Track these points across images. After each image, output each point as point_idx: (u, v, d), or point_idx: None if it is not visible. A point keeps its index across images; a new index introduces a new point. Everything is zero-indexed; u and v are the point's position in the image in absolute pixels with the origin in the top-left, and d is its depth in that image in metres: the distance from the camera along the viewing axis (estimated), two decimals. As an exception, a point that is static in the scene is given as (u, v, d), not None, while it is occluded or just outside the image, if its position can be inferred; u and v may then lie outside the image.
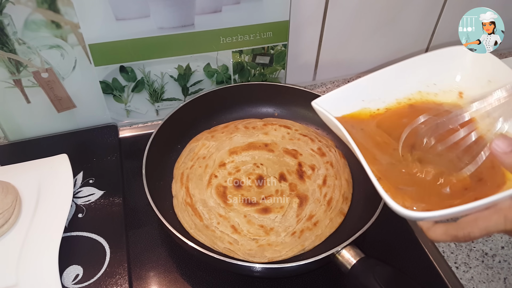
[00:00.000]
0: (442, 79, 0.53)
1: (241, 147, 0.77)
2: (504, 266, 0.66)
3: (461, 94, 0.52)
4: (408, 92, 0.53)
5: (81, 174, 0.77)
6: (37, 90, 0.77)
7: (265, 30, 0.81)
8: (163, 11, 0.73)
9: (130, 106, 0.86)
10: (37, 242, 0.63)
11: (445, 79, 0.53)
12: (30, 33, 0.69)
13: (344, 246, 0.57)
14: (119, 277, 0.62)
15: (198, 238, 0.65)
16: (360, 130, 0.50)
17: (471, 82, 0.52)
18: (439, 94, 0.53)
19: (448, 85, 0.53)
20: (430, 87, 0.53)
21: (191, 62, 0.82)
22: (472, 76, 0.52)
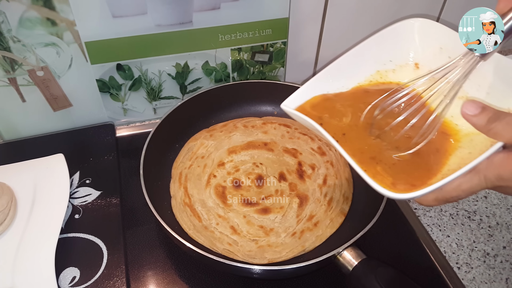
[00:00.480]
0: (396, 55, 0.55)
1: (240, 146, 0.77)
2: (506, 266, 0.65)
3: (417, 65, 0.55)
4: (368, 74, 0.55)
5: (77, 174, 0.76)
6: (32, 88, 0.75)
7: (264, 28, 0.80)
8: (161, 8, 0.72)
9: (127, 104, 0.84)
10: (33, 243, 0.62)
11: (399, 54, 0.55)
12: (25, 30, 0.68)
13: (346, 247, 0.56)
14: (117, 279, 0.61)
15: (197, 239, 0.64)
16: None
17: (423, 53, 0.54)
18: (397, 69, 0.55)
19: (403, 59, 0.55)
20: (387, 65, 0.55)
21: (189, 60, 0.81)
22: (423, 46, 0.54)
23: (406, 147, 0.47)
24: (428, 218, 0.72)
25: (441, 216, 0.72)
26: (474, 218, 0.72)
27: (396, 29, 0.54)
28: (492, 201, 0.74)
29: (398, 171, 0.46)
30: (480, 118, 0.41)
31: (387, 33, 0.54)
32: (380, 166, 0.45)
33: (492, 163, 0.40)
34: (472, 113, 0.42)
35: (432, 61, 0.53)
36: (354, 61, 0.54)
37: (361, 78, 0.55)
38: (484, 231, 0.70)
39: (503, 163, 0.40)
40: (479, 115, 0.41)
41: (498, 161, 0.40)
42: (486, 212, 0.73)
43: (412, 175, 0.45)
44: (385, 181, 0.43)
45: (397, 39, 0.54)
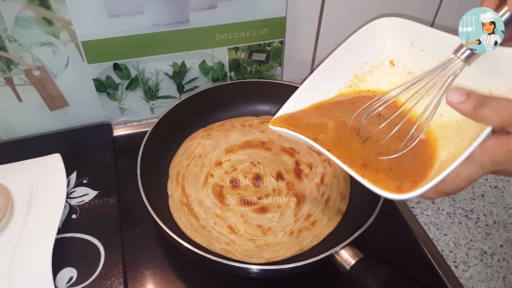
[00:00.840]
0: (371, 56, 0.56)
1: (238, 146, 0.77)
2: (503, 265, 0.66)
3: (392, 62, 0.56)
4: (346, 80, 0.57)
5: (74, 174, 0.76)
6: (29, 88, 0.75)
7: (262, 27, 0.80)
8: (158, 7, 0.71)
9: (124, 104, 0.84)
10: (30, 244, 0.62)
11: (373, 55, 0.56)
12: (21, 30, 0.68)
13: (343, 246, 0.56)
14: (114, 279, 0.61)
15: (195, 238, 0.64)
16: None
17: (396, 50, 0.55)
18: (373, 70, 0.56)
19: (378, 59, 0.56)
20: (363, 68, 0.57)
21: (186, 59, 0.81)
22: (395, 43, 0.55)
23: (394, 151, 0.48)
24: (425, 217, 0.72)
25: (438, 215, 0.72)
26: (471, 216, 0.72)
27: (366, 31, 0.55)
28: (489, 199, 0.75)
29: (399, 173, 0.46)
30: (466, 104, 0.42)
31: (357, 37, 0.55)
32: (382, 174, 0.46)
33: (485, 149, 0.41)
34: (457, 101, 0.42)
35: (406, 56, 0.54)
36: (330, 70, 0.56)
37: (340, 85, 0.57)
38: (481, 229, 0.70)
39: (495, 148, 0.40)
40: (464, 101, 0.42)
41: (490, 146, 0.40)
42: (483, 211, 0.73)
43: (411, 172, 0.46)
44: (389, 186, 0.44)
45: (368, 41, 0.55)
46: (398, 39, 0.54)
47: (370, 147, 0.49)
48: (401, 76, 0.55)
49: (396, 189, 0.43)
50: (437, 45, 0.50)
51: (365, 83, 0.57)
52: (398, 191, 0.43)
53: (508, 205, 0.74)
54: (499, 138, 0.40)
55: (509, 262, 0.66)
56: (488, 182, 0.78)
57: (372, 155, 0.48)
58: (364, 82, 0.57)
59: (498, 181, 0.78)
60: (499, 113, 0.40)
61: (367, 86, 0.57)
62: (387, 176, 0.45)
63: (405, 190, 0.42)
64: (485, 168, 0.41)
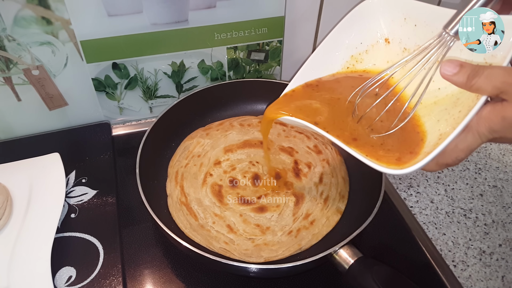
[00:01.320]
0: (365, 36, 0.57)
1: (237, 145, 0.77)
2: (502, 264, 0.66)
3: (387, 40, 0.56)
4: (343, 61, 0.57)
5: (73, 173, 0.76)
6: (27, 87, 0.75)
7: (260, 26, 0.80)
8: (156, 6, 0.71)
9: (123, 103, 0.84)
10: (29, 243, 0.62)
11: (367, 34, 0.57)
12: (20, 29, 0.68)
13: (342, 246, 0.56)
14: (113, 278, 0.61)
15: (193, 238, 0.64)
16: None
17: (390, 27, 0.56)
18: (369, 49, 0.57)
19: (372, 38, 0.57)
20: (358, 48, 0.57)
21: (185, 59, 0.81)
22: (387, 21, 0.56)
23: (389, 128, 0.49)
24: (424, 216, 0.72)
25: (437, 214, 0.72)
26: (470, 216, 0.72)
27: (358, 11, 0.56)
28: (488, 199, 0.75)
29: (395, 146, 0.47)
30: (460, 76, 0.42)
31: (350, 18, 0.56)
32: (381, 151, 0.47)
33: (481, 118, 0.41)
34: (451, 73, 0.43)
35: (401, 33, 0.55)
36: (326, 53, 0.56)
37: (338, 67, 0.57)
38: (480, 229, 0.70)
39: (491, 116, 0.41)
40: (458, 73, 0.42)
41: (486, 115, 0.41)
42: (482, 210, 0.73)
43: (405, 145, 0.47)
44: (390, 160, 0.45)
45: (362, 21, 0.56)
46: (391, 16, 0.55)
47: (365, 125, 0.50)
48: (397, 53, 0.56)
49: (397, 160, 0.44)
50: (429, 18, 0.51)
51: (362, 63, 0.58)
52: (398, 163, 0.44)
53: (506, 204, 0.74)
54: (494, 106, 0.41)
55: (508, 261, 0.66)
56: (487, 181, 0.78)
57: (366, 133, 0.49)
58: (361, 62, 0.58)
59: (497, 180, 0.78)
60: (492, 81, 0.40)
61: (363, 66, 0.57)
62: (384, 150, 0.47)
63: (405, 161, 0.44)
64: (483, 137, 0.42)
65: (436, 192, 0.76)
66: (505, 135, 0.41)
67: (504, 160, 0.81)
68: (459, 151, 0.43)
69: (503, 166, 0.80)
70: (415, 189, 0.76)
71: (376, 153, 0.46)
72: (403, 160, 0.45)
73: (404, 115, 0.48)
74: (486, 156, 0.82)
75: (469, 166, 0.80)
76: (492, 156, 0.82)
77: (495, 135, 0.41)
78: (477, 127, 0.42)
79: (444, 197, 0.75)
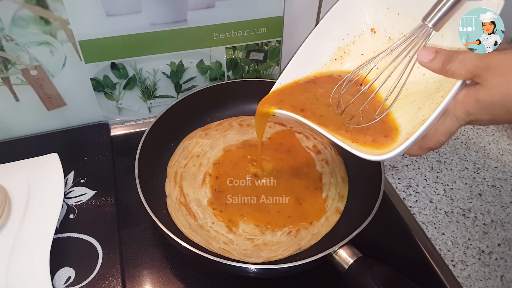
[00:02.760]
0: (351, 27, 0.58)
1: (236, 145, 0.76)
2: (500, 264, 0.66)
3: (373, 29, 0.58)
4: (331, 53, 0.59)
5: (72, 174, 0.75)
6: (26, 88, 0.75)
7: (259, 26, 0.80)
8: (155, 6, 0.71)
9: (121, 103, 0.84)
10: (28, 244, 0.62)
11: (352, 25, 0.58)
12: (18, 29, 0.68)
13: (341, 246, 0.56)
14: (112, 279, 0.61)
15: (193, 238, 0.64)
16: None
17: (374, 17, 0.57)
18: (356, 40, 0.58)
19: (358, 28, 0.58)
20: (345, 39, 0.58)
21: (184, 59, 0.81)
22: (371, 11, 0.57)
23: (369, 119, 0.51)
24: (423, 216, 0.72)
25: (436, 214, 0.72)
26: (469, 215, 0.72)
27: (342, 4, 0.57)
28: (487, 198, 0.75)
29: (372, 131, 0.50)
30: (435, 62, 0.44)
31: (335, 11, 0.57)
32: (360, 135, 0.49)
33: (457, 102, 0.43)
34: (427, 59, 0.45)
35: (385, 22, 0.56)
36: (314, 47, 0.57)
37: (326, 59, 0.58)
38: (479, 228, 0.71)
39: (466, 99, 0.43)
40: (433, 59, 0.44)
41: (461, 98, 0.43)
42: (481, 210, 0.73)
43: (381, 130, 0.49)
44: (367, 143, 0.47)
45: (347, 12, 0.57)
46: (375, 6, 0.56)
47: (348, 117, 0.52)
48: (383, 42, 0.57)
49: (372, 142, 0.47)
50: (411, 7, 0.53)
51: (350, 54, 0.59)
52: (374, 145, 0.46)
53: (505, 204, 0.74)
54: (469, 90, 0.43)
55: (507, 261, 0.66)
56: (485, 181, 0.78)
57: (347, 124, 0.51)
58: (349, 53, 0.59)
59: (495, 180, 0.78)
60: (465, 65, 0.42)
61: (351, 58, 0.59)
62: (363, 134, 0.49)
63: (381, 144, 0.46)
64: (460, 120, 0.44)
65: (435, 192, 0.76)
66: (481, 117, 0.43)
67: (502, 160, 0.81)
68: (439, 135, 0.45)
69: (501, 165, 0.80)
70: (414, 189, 0.76)
71: (352, 135, 0.49)
72: (379, 142, 0.47)
73: (384, 108, 0.51)
74: (485, 156, 0.82)
75: (468, 166, 0.80)
76: (491, 156, 0.82)
77: (471, 117, 0.43)
78: (454, 110, 0.43)
79: (443, 196, 0.75)
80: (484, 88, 0.42)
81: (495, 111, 0.42)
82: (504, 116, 0.43)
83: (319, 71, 0.58)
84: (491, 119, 0.43)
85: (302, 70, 0.58)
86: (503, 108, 0.42)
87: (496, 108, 0.42)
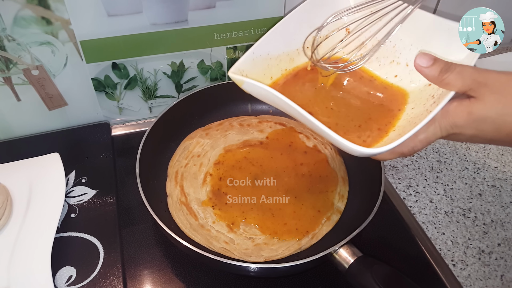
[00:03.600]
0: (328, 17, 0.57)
1: (236, 145, 0.77)
2: (500, 263, 0.66)
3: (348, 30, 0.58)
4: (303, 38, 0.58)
5: (73, 173, 0.76)
6: (27, 87, 0.75)
7: (260, 26, 0.80)
8: (156, 7, 0.72)
9: (122, 103, 0.84)
10: (29, 243, 0.62)
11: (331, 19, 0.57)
12: (20, 29, 0.68)
13: (342, 245, 0.56)
14: (113, 278, 0.61)
15: (194, 237, 0.64)
16: None
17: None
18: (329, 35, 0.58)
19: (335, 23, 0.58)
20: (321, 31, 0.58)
21: (184, 59, 0.81)
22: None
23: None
24: (423, 215, 0.72)
25: (436, 214, 0.73)
26: (469, 215, 0.72)
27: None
28: (487, 198, 0.75)
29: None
30: (433, 69, 0.44)
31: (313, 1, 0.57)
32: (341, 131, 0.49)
33: (446, 112, 0.43)
34: (425, 65, 0.44)
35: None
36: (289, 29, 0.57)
37: (299, 44, 0.58)
38: (479, 228, 0.71)
39: (457, 110, 0.42)
40: (431, 66, 0.44)
41: (452, 109, 0.42)
42: (481, 210, 0.73)
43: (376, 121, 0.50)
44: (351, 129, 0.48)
45: (328, 3, 0.57)
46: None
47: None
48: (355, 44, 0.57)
49: (357, 128, 0.48)
50: None
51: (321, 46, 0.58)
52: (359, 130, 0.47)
53: (505, 204, 0.74)
54: (461, 102, 0.42)
55: (507, 260, 0.66)
56: (485, 181, 0.78)
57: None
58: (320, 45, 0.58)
59: (495, 180, 0.78)
60: (463, 78, 0.42)
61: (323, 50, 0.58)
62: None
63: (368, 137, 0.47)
64: (443, 131, 0.43)
65: (435, 192, 0.76)
66: (465, 131, 0.43)
67: (502, 160, 0.81)
68: (417, 142, 0.44)
69: (501, 166, 0.80)
70: (414, 188, 0.77)
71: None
72: (363, 127, 0.48)
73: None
74: (484, 156, 0.82)
75: (468, 166, 0.81)
76: (491, 156, 0.82)
77: (456, 130, 0.43)
78: (441, 120, 0.43)
79: (443, 196, 0.75)
80: (479, 103, 0.41)
81: (483, 127, 0.42)
82: (490, 133, 0.42)
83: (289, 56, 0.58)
84: (473, 134, 0.43)
85: (275, 47, 0.57)
86: (494, 124, 0.42)
87: (486, 124, 0.42)
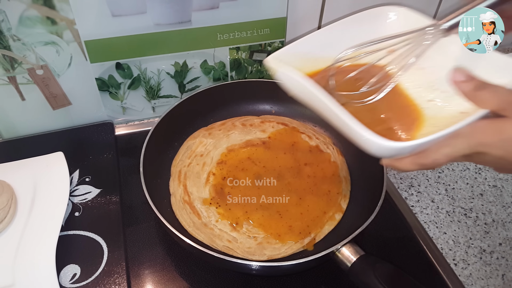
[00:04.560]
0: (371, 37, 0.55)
1: (239, 145, 0.77)
2: (502, 263, 0.66)
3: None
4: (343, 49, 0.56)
5: (77, 172, 0.76)
6: (32, 87, 0.76)
7: (262, 27, 0.80)
8: (160, 7, 0.72)
9: (126, 103, 0.85)
10: (34, 241, 0.63)
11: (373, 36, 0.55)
12: (25, 29, 0.68)
13: (344, 244, 0.57)
14: (117, 276, 0.62)
15: (197, 236, 0.64)
16: None
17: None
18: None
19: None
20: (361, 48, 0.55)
21: (188, 59, 0.81)
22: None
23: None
24: (425, 215, 0.73)
25: (437, 214, 0.73)
26: (471, 215, 0.73)
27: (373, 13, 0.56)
28: (488, 198, 0.75)
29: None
30: (468, 85, 0.43)
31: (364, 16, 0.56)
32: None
33: (475, 128, 0.42)
34: (461, 79, 0.44)
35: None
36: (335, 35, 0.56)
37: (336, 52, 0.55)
38: (480, 228, 0.71)
39: (487, 129, 0.41)
40: (467, 81, 0.43)
41: (482, 127, 0.42)
42: (482, 209, 0.74)
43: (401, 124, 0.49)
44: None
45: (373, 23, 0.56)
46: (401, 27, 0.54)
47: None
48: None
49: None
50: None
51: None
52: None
53: (506, 204, 0.74)
54: (492, 120, 0.42)
55: (508, 260, 0.67)
56: (487, 181, 0.78)
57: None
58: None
59: (496, 180, 0.78)
60: (497, 97, 0.42)
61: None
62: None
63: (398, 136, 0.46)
64: (471, 147, 0.42)
65: (436, 192, 0.76)
66: (492, 151, 0.42)
67: (504, 160, 0.82)
68: (440, 154, 0.43)
69: (503, 166, 0.81)
70: (416, 188, 0.77)
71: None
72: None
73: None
74: (486, 156, 0.83)
75: (469, 166, 0.81)
76: (492, 156, 0.83)
77: (481, 149, 0.42)
78: (468, 136, 0.42)
79: (444, 196, 0.76)
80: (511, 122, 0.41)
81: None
82: None
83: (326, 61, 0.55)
84: (501, 156, 0.42)
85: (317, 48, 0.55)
86: None
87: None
